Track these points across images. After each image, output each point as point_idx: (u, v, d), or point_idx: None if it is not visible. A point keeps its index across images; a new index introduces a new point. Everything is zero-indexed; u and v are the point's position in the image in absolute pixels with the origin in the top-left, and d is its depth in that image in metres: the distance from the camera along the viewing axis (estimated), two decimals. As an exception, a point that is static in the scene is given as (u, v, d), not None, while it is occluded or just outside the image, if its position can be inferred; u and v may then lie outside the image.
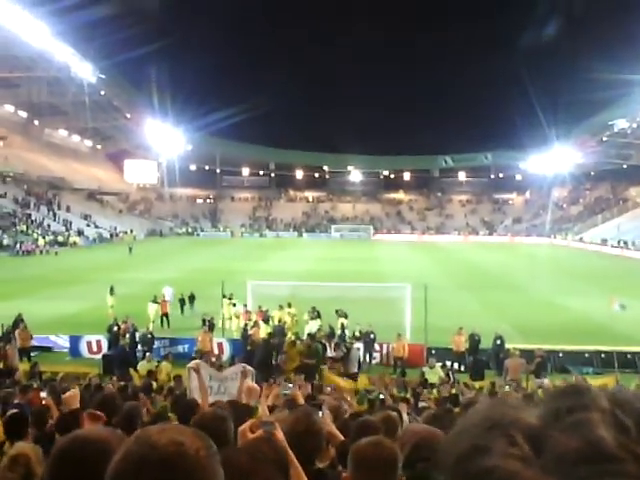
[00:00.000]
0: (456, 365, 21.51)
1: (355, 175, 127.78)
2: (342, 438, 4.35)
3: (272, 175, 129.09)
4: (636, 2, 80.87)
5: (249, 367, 7.32)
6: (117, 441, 2.00)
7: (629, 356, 21.84)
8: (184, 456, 1.28)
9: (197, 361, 8.78)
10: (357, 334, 22.48)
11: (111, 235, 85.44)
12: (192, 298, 30.64)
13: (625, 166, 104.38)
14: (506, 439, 0.61)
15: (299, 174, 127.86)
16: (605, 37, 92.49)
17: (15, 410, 6.82)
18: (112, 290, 29.46)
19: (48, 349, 23.33)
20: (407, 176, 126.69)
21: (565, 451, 0.56)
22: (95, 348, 22.93)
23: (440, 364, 20.29)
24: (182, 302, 30.25)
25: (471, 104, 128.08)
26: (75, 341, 23.24)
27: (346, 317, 24.61)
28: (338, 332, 23.19)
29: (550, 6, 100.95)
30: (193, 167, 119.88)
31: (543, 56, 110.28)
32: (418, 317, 23.29)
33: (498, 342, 21.19)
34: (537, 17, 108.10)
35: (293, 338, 21.24)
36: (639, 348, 22.56)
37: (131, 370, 18.21)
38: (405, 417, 7.70)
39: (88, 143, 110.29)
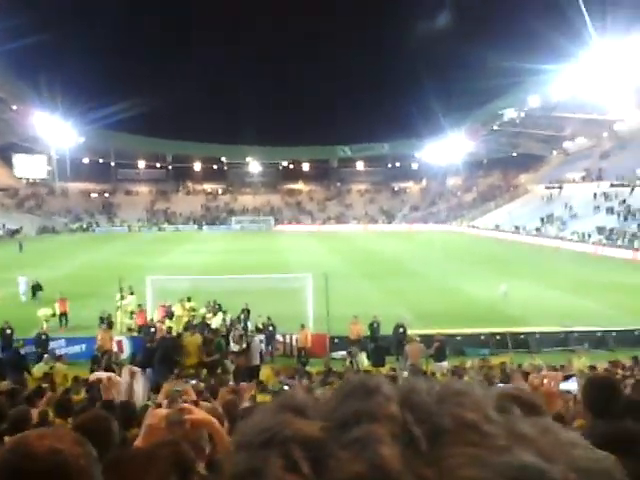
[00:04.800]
0: (363, 354, 21.76)
1: (254, 166, 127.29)
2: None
3: (169, 167, 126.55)
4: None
5: (135, 368, 7.14)
6: None
7: (522, 336, 22.84)
8: (64, 466, 1.26)
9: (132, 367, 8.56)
10: (259, 326, 22.40)
11: (16, 231, 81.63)
12: (39, 286, 32.08)
13: (515, 154, 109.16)
14: (283, 460, 0.54)
15: (197, 166, 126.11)
16: (496, 25, 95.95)
17: None
18: None
19: None
20: (306, 167, 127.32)
21: (348, 476, 0.51)
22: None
23: (343, 352, 20.60)
24: (33, 289, 32.01)
25: (367, 94, 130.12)
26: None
27: (248, 311, 24.50)
28: (240, 325, 23.08)
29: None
30: (86, 160, 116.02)
31: (435, 45, 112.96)
32: (320, 307, 23.44)
33: (400, 330, 21.58)
34: (430, 6, 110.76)
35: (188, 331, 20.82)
36: (530, 328, 23.61)
37: (25, 374, 17.46)
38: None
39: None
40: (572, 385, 10.18)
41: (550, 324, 24.36)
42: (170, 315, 24.29)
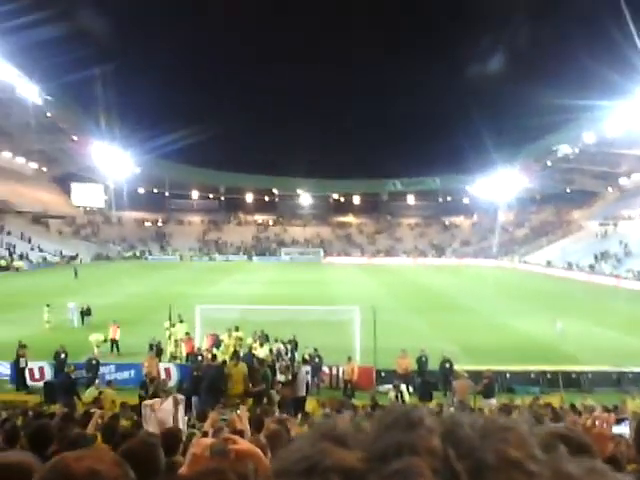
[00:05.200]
0: (403, 387, 21.48)
1: (305, 198, 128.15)
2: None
3: (222, 198, 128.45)
4: (579, 30, 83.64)
5: (180, 396, 7.22)
6: (37, 465, 1.92)
7: (573, 375, 22.26)
8: None
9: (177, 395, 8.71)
10: (306, 357, 22.32)
11: (73, 258, 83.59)
12: (88, 312, 33.17)
13: (569, 190, 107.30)
14: None
15: (249, 197, 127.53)
16: (548, 63, 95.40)
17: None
18: (49, 306, 31.75)
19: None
20: (357, 199, 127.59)
21: None
22: (37, 375, 22.29)
23: (390, 386, 20.35)
24: (82, 314, 33.05)
25: (419, 129, 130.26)
26: (16, 368, 22.50)
27: (295, 342, 24.48)
28: (287, 356, 23.08)
29: (496, 34, 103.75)
30: (141, 190, 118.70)
31: (488, 82, 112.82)
32: (367, 339, 23.28)
33: (447, 365, 21.31)
34: (484, 44, 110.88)
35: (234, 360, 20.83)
36: (583, 367, 23.01)
37: (75, 398, 17.75)
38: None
39: (33, 165, 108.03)
40: (625, 429, 9.87)
41: (603, 363, 23.71)
42: (218, 344, 24.42)
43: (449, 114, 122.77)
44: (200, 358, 21.92)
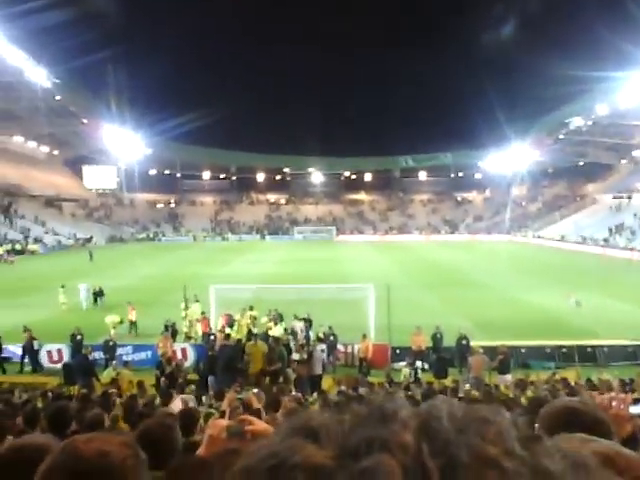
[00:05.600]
0: (419, 363, 21.51)
1: (316, 177, 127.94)
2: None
3: (233, 178, 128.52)
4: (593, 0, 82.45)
5: (189, 396, 7.28)
6: (56, 446, 1.94)
7: (589, 350, 22.20)
8: (110, 467, 1.27)
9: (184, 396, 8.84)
10: (321, 335, 22.39)
11: (88, 240, 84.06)
12: (100, 292, 33.61)
13: (582, 163, 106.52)
14: None
15: (260, 177, 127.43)
16: (561, 34, 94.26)
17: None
18: (63, 287, 32.51)
19: (6, 359, 22.84)
20: (368, 177, 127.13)
21: None
22: (56, 357, 22.54)
23: (404, 363, 20.43)
24: (95, 296, 33.50)
25: (430, 104, 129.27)
26: (31, 351, 22.73)
27: (310, 321, 24.54)
28: (302, 334, 23.17)
29: (507, 4, 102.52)
30: (153, 171, 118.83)
31: (500, 54, 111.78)
32: (382, 317, 23.33)
33: (463, 342, 21.30)
34: (494, 15, 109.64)
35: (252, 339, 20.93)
36: (598, 341, 22.97)
37: (93, 379, 17.95)
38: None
39: (45, 149, 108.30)
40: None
41: (619, 337, 23.66)
42: (231, 324, 24.53)
43: (461, 88, 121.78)
44: (212, 337, 22.08)
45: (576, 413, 2.34)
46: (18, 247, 70.86)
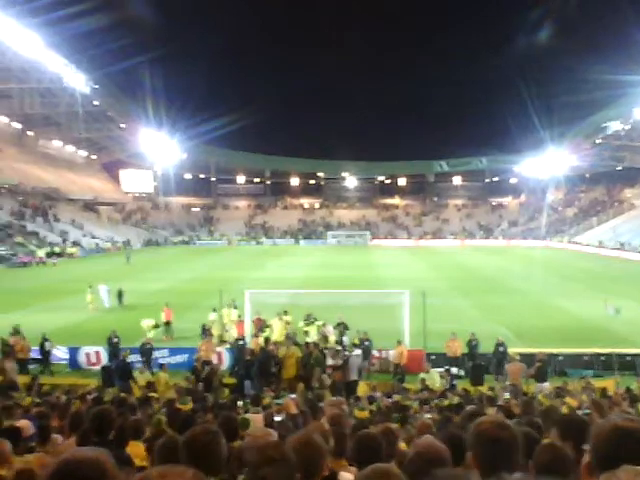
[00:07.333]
0: (455, 370, 21.32)
1: (350, 181, 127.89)
2: None
3: (267, 183, 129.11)
4: (629, 3, 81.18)
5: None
6: (109, 461, 1.98)
7: (628, 358, 21.79)
8: None
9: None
10: (356, 341, 22.32)
11: (126, 244, 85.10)
12: (121, 294, 34.45)
13: (619, 168, 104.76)
14: None
15: (294, 181, 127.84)
16: (598, 38, 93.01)
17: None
18: (91, 287, 33.47)
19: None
20: (402, 181, 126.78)
21: None
22: (94, 359, 22.82)
23: (440, 369, 20.23)
24: (119, 295, 34.41)
25: (465, 109, 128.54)
26: (74, 352, 23.10)
27: (345, 326, 24.47)
28: (336, 339, 23.14)
29: (544, 9, 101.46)
30: (188, 176, 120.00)
31: (536, 59, 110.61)
32: (417, 323, 23.21)
33: (501, 349, 21.07)
34: (531, 20, 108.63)
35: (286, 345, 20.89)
36: (638, 350, 22.55)
37: (131, 382, 18.13)
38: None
39: (83, 153, 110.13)
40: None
41: (659, 346, 23.22)
42: (263, 328, 24.47)
43: (497, 93, 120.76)
44: (242, 342, 22.07)
45: (628, 433, 2.29)
46: (57, 250, 71.90)
